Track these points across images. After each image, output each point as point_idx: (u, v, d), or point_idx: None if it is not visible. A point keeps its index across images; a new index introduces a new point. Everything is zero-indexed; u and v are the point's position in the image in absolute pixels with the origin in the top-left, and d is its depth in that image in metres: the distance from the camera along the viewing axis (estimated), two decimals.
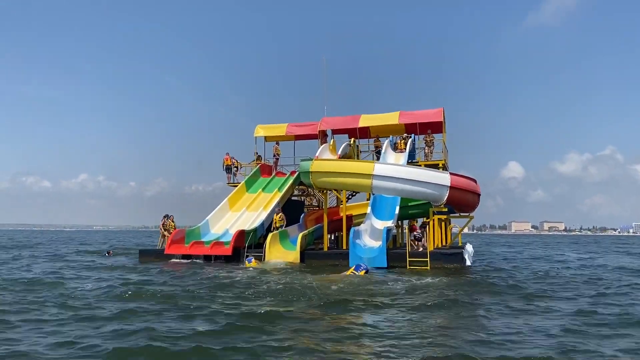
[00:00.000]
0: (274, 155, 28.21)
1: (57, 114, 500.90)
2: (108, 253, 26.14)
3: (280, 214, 20.93)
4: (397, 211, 20.77)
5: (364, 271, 15.35)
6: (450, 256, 18.57)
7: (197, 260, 19.49)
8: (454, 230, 27.98)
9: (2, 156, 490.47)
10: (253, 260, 18.74)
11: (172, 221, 22.67)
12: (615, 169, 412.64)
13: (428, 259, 18.02)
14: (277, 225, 20.52)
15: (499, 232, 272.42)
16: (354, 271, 15.32)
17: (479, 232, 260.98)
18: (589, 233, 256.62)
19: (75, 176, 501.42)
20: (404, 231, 26.36)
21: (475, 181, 20.71)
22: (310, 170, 19.67)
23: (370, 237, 19.61)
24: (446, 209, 20.09)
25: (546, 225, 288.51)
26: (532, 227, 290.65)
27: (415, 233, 20.76)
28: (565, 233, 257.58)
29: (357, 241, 19.01)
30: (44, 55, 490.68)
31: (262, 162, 28.19)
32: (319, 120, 28.89)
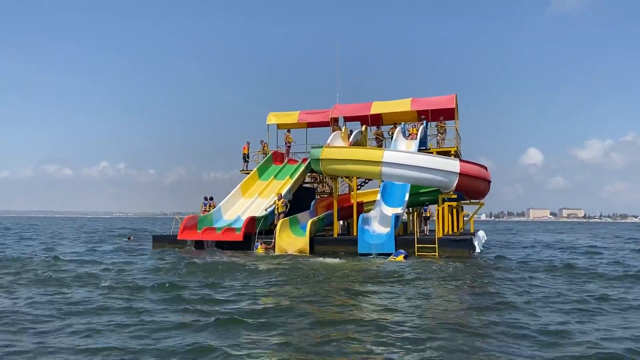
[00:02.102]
0: (286, 143, 28.41)
1: (78, 103, 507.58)
2: (129, 238, 26.69)
3: (282, 199, 21.16)
4: (406, 198, 20.85)
5: (402, 256, 16.05)
6: (458, 242, 18.65)
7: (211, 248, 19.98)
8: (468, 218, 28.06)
9: (26, 145, 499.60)
10: (259, 246, 19.08)
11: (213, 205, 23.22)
12: (637, 155, 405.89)
13: (436, 246, 18.15)
14: (280, 210, 20.76)
15: (517, 219, 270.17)
16: (393, 256, 16.06)
17: (497, 219, 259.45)
18: (609, 220, 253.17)
19: (96, 164, 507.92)
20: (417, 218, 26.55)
21: (485, 168, 20.70)
22: (320, 157, 19.84)
23: (379, 223, 19.77)
24: (455, 196, 20.14)
25: (565, 212, 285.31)
26: (551, 214, 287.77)
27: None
28: (584, 220, 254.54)
29: (366, 227, 19.19)
30: (66, 45, 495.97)
31: (268, 149, 28.41)
32: (331, 107, 29.01)
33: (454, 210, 25.66)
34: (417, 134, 24.82)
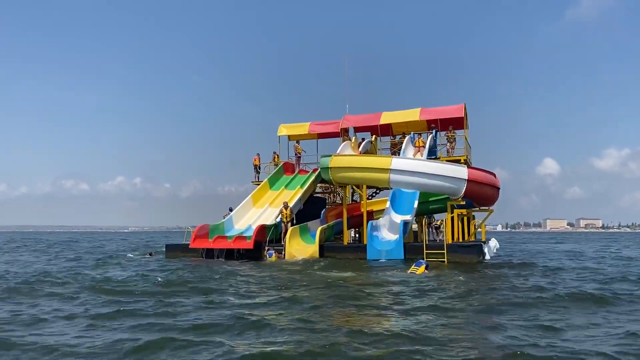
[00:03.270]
0: (296, 154, 28.75)
1: (94, 118, 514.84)
2: (150, 254, 27.03)
3: (289, 208, 21.43)
4: (415, 205, 21.01)
5: (424, 267, 14.99)
6: (467, 248, 18.73)
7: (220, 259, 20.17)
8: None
9: (45, 161, 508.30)
10: (274, 254, 19.28)
11: None
12: None
13: (445, 252, 18.24)
14: (286, 220, 21.03)
15: (533, 229, 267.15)
16: (415, 267, 14.96)
17: (513, 230, 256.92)
18: (628, 230, 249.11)
19: (112, 178, 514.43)
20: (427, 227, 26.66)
21: (494, 175, 20.82)
22: (329, 165, 20.15)
23: (388, 230, 19.96)
24: (464, 203, 20.26)
25: (583, 223, 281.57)
26: (568, 224, 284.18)
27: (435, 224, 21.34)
28: (602, 230, 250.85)
29: (375, 234, 19.39)
30: (80, 60, 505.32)
31: (280, 160, 28.78)
32: (341, 118, 29.35)
33: (465, 219, 25.72)
34: (424, 146, 24.96)
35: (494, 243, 29.55)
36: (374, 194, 29.06)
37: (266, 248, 20.17)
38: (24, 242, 49.13)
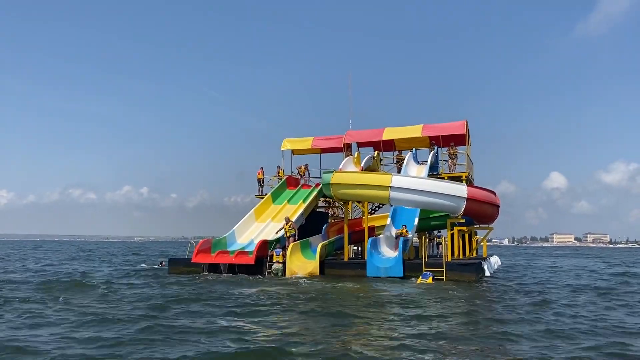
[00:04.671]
0: (299, 173, 28.90)
1: (102, 128, 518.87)
2: (161, 264, 27.35)
3: (290, 222, 21.63)
4: (416, 222, 21.19)
5: (431, 278, 17.42)
6: (466, 266, 18.86)
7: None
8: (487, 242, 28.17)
9: (54, 170, 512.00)
10: (281, 253, 19.73)
11: None
12: None
13: (444, 269, 18.39)
14: (288, 234, 21.21)
15: (540, 244, 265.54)
16: (422, 279, 17.42)
17: (519, 244, 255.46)
18: (636, 245, 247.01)
19: (119, 188, 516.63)
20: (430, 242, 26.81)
21: (494, 193, 21.01)
22: (331, 182, 20.41)
23: (388, 247, 20.14)
24: (464, 220, 20.43)
25: (590, 237, 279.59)
26: (575, 239, 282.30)
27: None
28: (610, 245, 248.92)
29: (375, 251, 19.56)
30: (89, 71, 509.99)
31: (283, 174, 29.04)
32: (344, 133, 29.67)
33: (466, 235, 25.86)
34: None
35: (495, 259, 29.65)
36: (376, 209, 29.27)
37: (268, 263, 20.31)
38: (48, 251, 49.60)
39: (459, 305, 12.00)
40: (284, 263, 19.89)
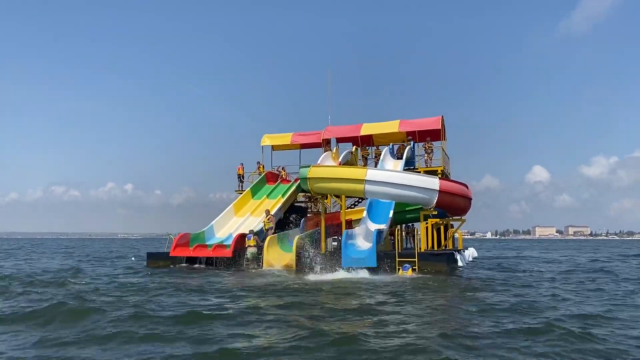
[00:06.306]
0: (281, 177, 29.13)
1: (86, 124, 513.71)
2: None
3: (269, 215, 22.02)
4: (390, 215, 21.68)
5: (410, 270, 18.03)
6: (437, 257, 19.44)
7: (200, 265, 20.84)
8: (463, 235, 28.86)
9: (36, 167, 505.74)
10: (252, 237, 20.17)
11: None
12: None
13: (417, 259, 18.94)
14: (266, 227, 21.61)
15: (523, 237, 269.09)
16: (402, 271, 18.04)
17: (502, 237, 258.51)
18: (616, 237, 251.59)
19: (103, 184, 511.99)
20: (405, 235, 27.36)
21: (466, 186, 21.61)
22: (307, 176, 20.80)
23: (364, 239, 20.62)
24: (436, 212, 20.99)
25: (571, 230, 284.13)
26: (557, 231, 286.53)
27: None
28: (590, 237, 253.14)
29: (351, 242, 20.03)
30: (74, 67, 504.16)
31: (264, 170, 29.41)
32: (323, 129, 30.12)
33: (441, 227, 26.48)
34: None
35: (470, 252, 30.41)
36: (355, 203, 29.80)
37: (246, 257, 20.70)
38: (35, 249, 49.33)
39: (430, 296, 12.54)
40: (259, 248, 20.29)
